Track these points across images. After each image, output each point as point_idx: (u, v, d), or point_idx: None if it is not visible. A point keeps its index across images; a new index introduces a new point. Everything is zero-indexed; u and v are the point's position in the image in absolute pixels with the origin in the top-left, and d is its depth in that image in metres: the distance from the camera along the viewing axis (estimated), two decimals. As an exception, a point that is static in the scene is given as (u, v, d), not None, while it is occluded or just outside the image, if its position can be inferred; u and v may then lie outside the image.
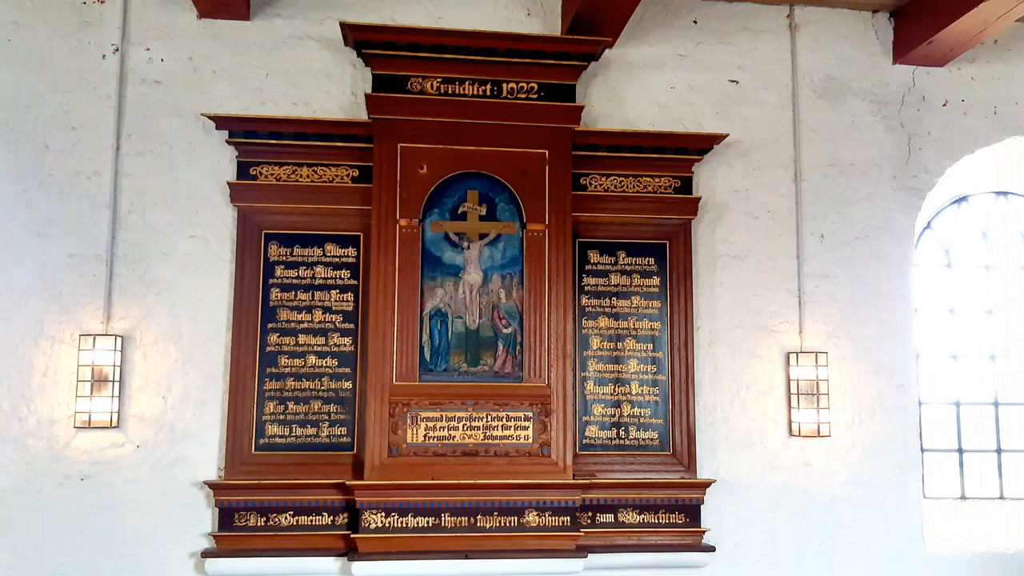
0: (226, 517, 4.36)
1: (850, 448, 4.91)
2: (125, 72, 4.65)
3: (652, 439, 4.71)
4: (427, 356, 4.50)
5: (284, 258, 4.60)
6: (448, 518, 4.36)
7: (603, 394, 4.72)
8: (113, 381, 4.39)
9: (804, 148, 5.07)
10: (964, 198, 5.63)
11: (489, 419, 4.47)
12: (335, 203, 4.61)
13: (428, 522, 4.34)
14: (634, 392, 4.73)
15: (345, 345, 4.58)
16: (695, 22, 5.09)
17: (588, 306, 4.77)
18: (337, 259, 4.63)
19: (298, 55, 4.77)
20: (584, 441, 4.67)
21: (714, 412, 4.83)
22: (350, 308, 4.61)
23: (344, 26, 4.51)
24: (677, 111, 5.00)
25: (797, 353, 4.87)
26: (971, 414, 5.48)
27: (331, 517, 4.41)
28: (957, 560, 4.95)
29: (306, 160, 4.60)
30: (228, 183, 4.58)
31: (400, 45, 4.54)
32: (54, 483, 4.38)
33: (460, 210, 4.62)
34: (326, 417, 4.52)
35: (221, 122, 4.55)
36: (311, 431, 4.50)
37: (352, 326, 4.60)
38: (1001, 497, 5.38)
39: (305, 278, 4.60)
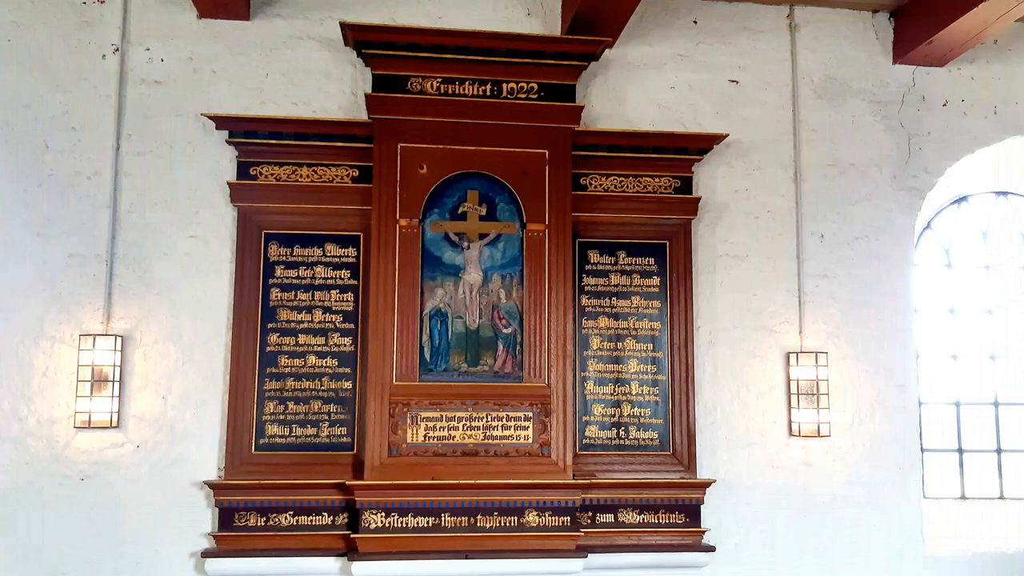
0: (226, 517, 4.36)
1: (850, 448, 4.91)
2: (125, 72, 4.65)
3: (652, 439, 4.71)
4: (427, 356, 4.50)
5: (284, 258, 4.60)
6: (448, 518, 4.36)
7: (603, 394, 4.72)
8: (113, 381, 4.39)
9: (804, 148, 5.07)
10: (964, 198, 5.63)
11: (489, 419, 4.47)
12: (335, 203, 4.61)
13: (428, 522, 4.34)
14: (634, 392, 4.73)
15: (345, 345, 4.58)
16: (695, 22, 5.09)
17: (588, 306, 4.77)
18: (337, 259, 4.63)
19: (298, 55, 4.77)
20: (584, 441, 4.67)
21: (714, 412, 4.83)
22: (350, 308, 4.61)
23: (344, 26, 4.51)
24: (677, 111, 5.00)
25: (797, 353, 4.87)
26: (971, 414, 5.48)
27: (331, 517, 4.40)
28: (957, 560, 4.95)
29: (306, 160, 4.60)
30: (228, 183, 4.58)
31: (400, 45, 4.54)
32: (54, 483, 4.38)
33: (460, 210, 4.62)
34: (326, 417, 4.52)
35: (221, 122, 4.55)
36: (311, 431, 4.50)
37: (352, 326, 4.59)
38: (1001, 497, 5.38)
39: (305, 278, 4.60)
